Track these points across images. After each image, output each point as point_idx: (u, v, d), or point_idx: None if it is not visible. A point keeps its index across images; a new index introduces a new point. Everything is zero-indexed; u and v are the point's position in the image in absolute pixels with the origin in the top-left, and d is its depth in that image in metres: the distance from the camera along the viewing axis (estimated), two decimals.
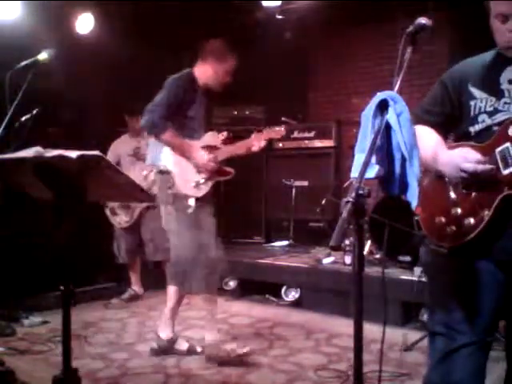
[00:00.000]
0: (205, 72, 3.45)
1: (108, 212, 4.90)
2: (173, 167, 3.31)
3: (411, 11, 5.15)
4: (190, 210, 3.27)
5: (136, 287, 5.03)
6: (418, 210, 1.81)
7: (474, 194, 1.71)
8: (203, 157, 3.34)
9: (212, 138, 3.48)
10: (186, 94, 3.31)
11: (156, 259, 4.83)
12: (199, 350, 3.50)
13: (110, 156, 4.74)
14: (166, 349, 3.47)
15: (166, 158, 3.32)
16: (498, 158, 1.68)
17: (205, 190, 3.36)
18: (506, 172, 1.66)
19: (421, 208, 1.83)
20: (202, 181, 3.34)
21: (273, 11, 5.62)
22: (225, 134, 3.57)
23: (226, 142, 3.54)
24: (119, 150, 4.93)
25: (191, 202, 3.29)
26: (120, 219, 4.87)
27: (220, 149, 3.46)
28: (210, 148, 3.43)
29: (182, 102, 3.27)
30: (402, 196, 1.56)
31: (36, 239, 4.86)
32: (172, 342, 3.49)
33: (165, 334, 3.48)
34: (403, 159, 1.51)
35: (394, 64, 1.58)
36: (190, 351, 3.49)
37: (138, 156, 4.88)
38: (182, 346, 3.51)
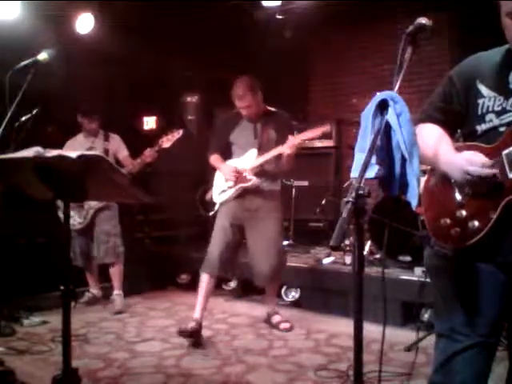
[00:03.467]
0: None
1: (60, 214, 4.36)
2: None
3: (411, 11, 5.17)
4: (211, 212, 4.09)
5: (95, 290, 4.86)
6: (418, 210, 1.80)
7: (479, 196, 1.68)
8: (225, 169, 3.91)
9: (250, 155, 3.90)
10: (223, 128, 4.08)
11: (104, 262, 4.62)
12: None
13: None
14: None
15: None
16: (505, 160, 1.64)
17: (226, 196, 3.93)
18: None
19: (426, 208, 1.82)
20: (226, 188, 3.93)
21: (273, 11, 5.61)
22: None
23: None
24: (72, 149, 4.55)
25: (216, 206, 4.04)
26: (73, 220, 4.56)
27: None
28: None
29: (222, 134, 4.05)
30: (402, 196, 1.56)
31: (36, 239, 4.87)
32: None
33: None
34: (403, 159, 1.51)
35: (393, 64, 1.58)
36: None
37: None
38: None
